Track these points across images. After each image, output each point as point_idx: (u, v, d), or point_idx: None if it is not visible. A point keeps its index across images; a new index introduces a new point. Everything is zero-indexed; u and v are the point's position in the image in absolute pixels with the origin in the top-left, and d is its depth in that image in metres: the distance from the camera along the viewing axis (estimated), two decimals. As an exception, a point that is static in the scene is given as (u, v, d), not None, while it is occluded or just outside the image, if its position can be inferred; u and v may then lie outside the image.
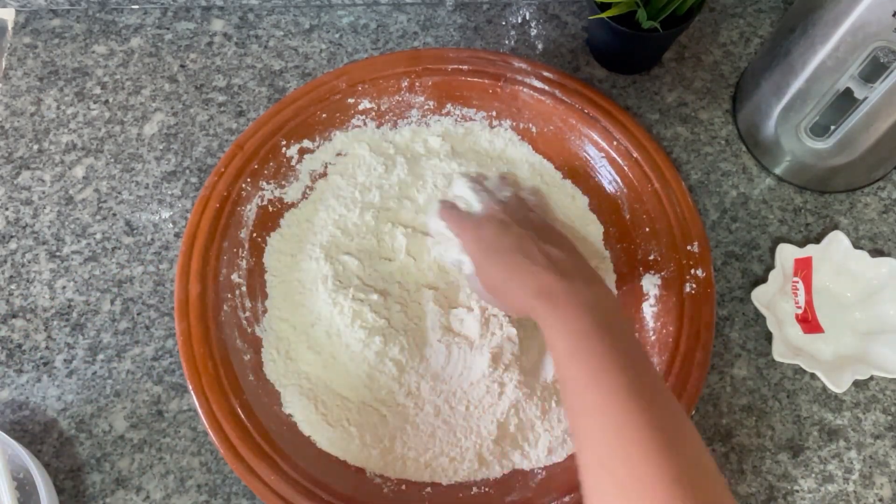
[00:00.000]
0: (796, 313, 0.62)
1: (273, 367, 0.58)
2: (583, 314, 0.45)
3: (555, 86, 0.65)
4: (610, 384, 0.42)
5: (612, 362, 0.42)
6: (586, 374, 0.43)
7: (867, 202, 0.67)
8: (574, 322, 0.44)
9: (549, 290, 0.46)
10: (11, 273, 0.63)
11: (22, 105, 0.69)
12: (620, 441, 0.40)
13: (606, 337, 0.43)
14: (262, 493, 0.52)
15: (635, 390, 0.41)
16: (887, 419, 0.60)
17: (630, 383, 0.41)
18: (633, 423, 0.40)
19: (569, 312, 0.45)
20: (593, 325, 0.44)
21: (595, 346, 0.43)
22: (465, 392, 0.57)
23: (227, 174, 0.61)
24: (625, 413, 0.40)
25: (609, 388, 0.41)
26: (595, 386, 0.42)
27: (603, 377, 0.42)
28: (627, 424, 0.40)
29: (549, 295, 0.46)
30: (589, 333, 0.44)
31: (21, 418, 0.58)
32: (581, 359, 0.43)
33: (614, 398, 0.41)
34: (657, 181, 0.62)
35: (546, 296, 0.46)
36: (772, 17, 0.74)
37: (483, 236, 0.52)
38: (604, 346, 0.43)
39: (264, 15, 0.73)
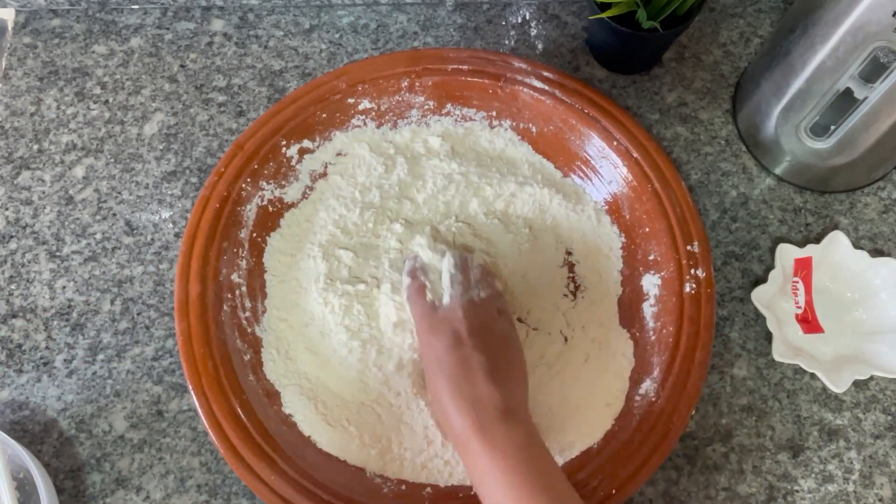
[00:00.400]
0: (796, 313, 0.62)
1: (273, 367, 0.58)
2: (514, 468, 0.46)
3: (555, 86, 0.65)
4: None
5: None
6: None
7: (867, 202, 0.67)
8: (506, 478, 0.46)
9: (473, 437, 0.48)
10: (11, 273, 0.63)
11: (22, 105, 0.69)
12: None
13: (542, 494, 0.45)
14: (262, 493, 0.52)
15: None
16: (887, 419, 0.60)
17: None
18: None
19: (497, 466, 0.46)
20: (527, 479, 0.46)
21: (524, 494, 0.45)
22: None
23: (227, 174, 0.61)
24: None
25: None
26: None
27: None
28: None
29: (471, 445, 0.48)
30: (523, 491, 0.45)
31: (21, 418, 0.58)
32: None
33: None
34: (657, 181, 0.62)
35: (467, 445, 0.48)
36: (772, 17, 0.74)
37: (433, 345, 0.53)
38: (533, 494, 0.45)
39: (264, 15, 0.73)
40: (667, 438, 0.54)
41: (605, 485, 0.53)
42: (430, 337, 0.53)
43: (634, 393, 0.57)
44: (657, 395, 0.55)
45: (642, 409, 0.55)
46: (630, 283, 0.62)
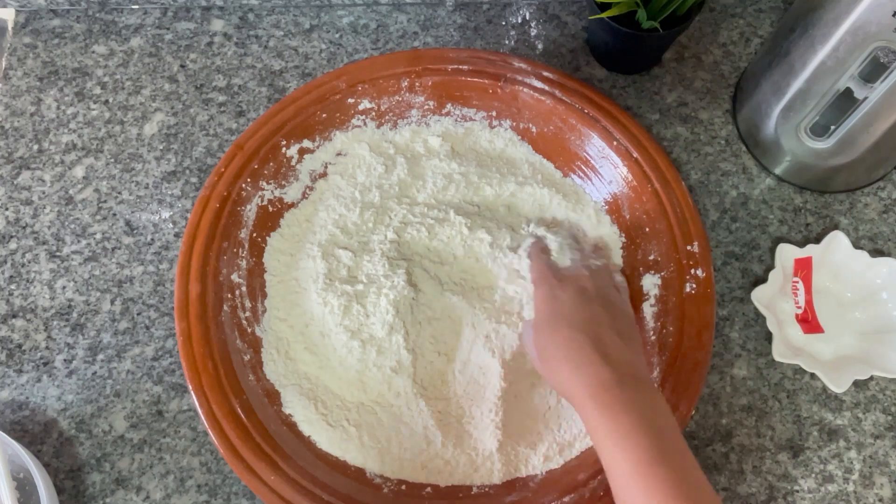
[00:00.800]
0: (796, 313, 0.62)
1: (273, 367, 0.58)
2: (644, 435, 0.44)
3: (555, 86, 0.65)
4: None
5: (684, 496, 0.42)
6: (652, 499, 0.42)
7: (867, 202, 0.67)
8: (635, 440, 0.44)
9: (605, 393, 0.45)
10: (11, 273, 0.63)
11: (22, 105, 0.69)
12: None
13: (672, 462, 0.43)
14: (262, 493, 0.52)
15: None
16: (887, 419, 0.60)
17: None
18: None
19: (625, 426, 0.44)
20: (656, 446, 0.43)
21: (663, 474, 0.43)
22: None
23: (227, 174, 0.61)
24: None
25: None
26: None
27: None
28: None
29: (603, 399, 0.45)
30: (652, 460, 0.43)
31: (21, 418, 0.58)
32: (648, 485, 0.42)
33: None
34: (657, 181, 0.62)
35: (598, 398, 0.45)
36: (772, 17, 0.74)
37: (559, 297, 0.51)
38: (671, 475, 0.42)
39: (264, 15, 0.73)
40: (667, 438, 0.54)
41: (605, 485, 0.53)
42: (555, 290, 0.51)
43: (634, 393, 0.57)
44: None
45: (642, 409, 0.55)
46: (630, 283, 0.62)
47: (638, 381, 0.47)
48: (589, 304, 0.50)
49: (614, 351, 0.48)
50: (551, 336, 0.50)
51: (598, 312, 0.50)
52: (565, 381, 0.48)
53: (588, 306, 0.50)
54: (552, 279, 0.52)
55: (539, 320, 0.52)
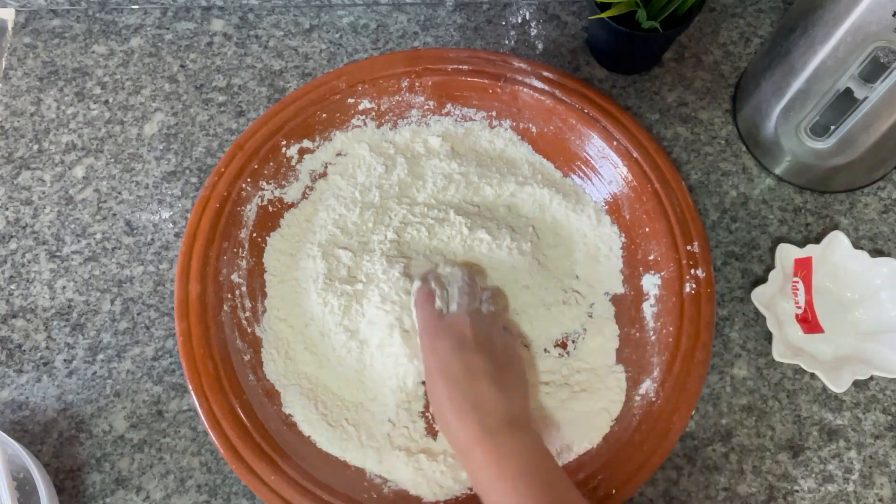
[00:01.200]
0: (796, 313, 0.62)
1: (273, 367, 0.58)
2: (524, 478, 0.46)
3: (555, 86, 0.65)
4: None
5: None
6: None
7: (867, 202, 0.67)
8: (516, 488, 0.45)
9: (474, 445, 0.47)
10: (11, 273, 0.63)
11: (22, 105, 0.69)
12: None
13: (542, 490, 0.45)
14: (262, 493, 0.52)
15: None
16: (887, 419, 0.60)
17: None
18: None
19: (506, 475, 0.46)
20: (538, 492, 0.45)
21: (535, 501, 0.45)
22: None
23: (227, 174, 0.61)
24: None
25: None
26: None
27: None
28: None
29: (476, 451, 0.47)
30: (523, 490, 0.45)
31: (21, 418, 0.58)
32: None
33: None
34: (657, 181, 0.61)
35: (471, 452, 0.47)
36: (772, 17, 0.74)
37: (437, 349, 0.52)
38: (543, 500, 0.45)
39: (264, 15, 0.73)
40: (667, 438, 0.54)
41: (604, 485, 0.53)
42: (435, 341, 0.53)
43: (634, 393, 0.57)
44: (657, 395, 0.55)
45: (642, 410, 0.55)
46: (630, 282, 0.62)
47: (509, 427, 0.48)
48: (466, 354, 0.51)
49: (486, 401, 0.49)
50: (432, 389, 0.52)
51: (475, 362, 0.51)
52: (448, 432, 0.50)
53: (464, 356, 0.51)
54: (432, 330, 0.54)
55: (426, 374, 0.53)
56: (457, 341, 0.52)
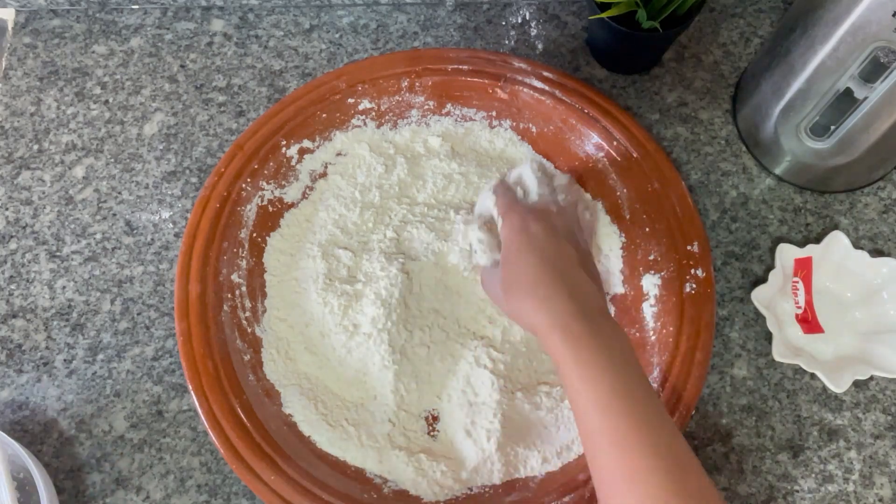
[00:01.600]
0: (796, 313, 0.62)
1: (273, 367, 0.58)
2: (610, 366, 0.44)
3: (555, 86, 0.65)
4: (642, 449, 0.42)
5: (647, 426, 0.43)
6: (621, 434, 0.43)
7: (867, 202, 0.67)
8: (602, 376, 0.44)
9: (572, 326, 0.46)
10: (11, 273, 0.63)
11: (22, 105, 0.69)
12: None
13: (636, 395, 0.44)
14: (262, 493, 0.52)
15: (664, 456, 0.42)
16: (887, 419, 0.60)
17: (657, 448, 0.42)
18: (670, 494, 0.41)
19: (595, 361, 0.45)
20: (621, 379, 0.44)
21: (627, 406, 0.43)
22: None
23: (227, 174, 0.61)
24: (659, 483, 0.41)
25: (641, 451, 0.42)
26: (626, 447, 0.42)
27: (634, 439, 0.42)
28: (663, 496, 0.41)
29: (572, 333, 0.45)
30: (618, 390, 0.44)
31: (21, 418, 0.58)
32: (613, 417, 0.43)
33: (647, 463, 0.42)
34: (657, 181, 0.62)
35: (568, 332, 0.45)
36: (772, 17, 0.74)
37: (529, 228, 0.50)
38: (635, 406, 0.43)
39: (264, 15, 0.73)
40: (667, 438, 0.54)
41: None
42: (526, 220, 0.50)
43: (634, 393, 0.57)
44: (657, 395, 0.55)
45: (642, 409, 0.55)
46: (630, 282, 0.62)
47: (604, 316, 0.47)
48: (559, 239, 0.50)
49: (583, 287, 0.48)
50: (520, 267, 0.49)
51: (567, 248, 0.50)
52: (531, 314, 0.48)
53: (558, 241, 0.50)
54: (522, 211, 0.52)
55: (508, 251, 0.51)
56: (550, 225, 0.50)
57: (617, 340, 0.46)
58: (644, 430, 0.43)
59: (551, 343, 0.46)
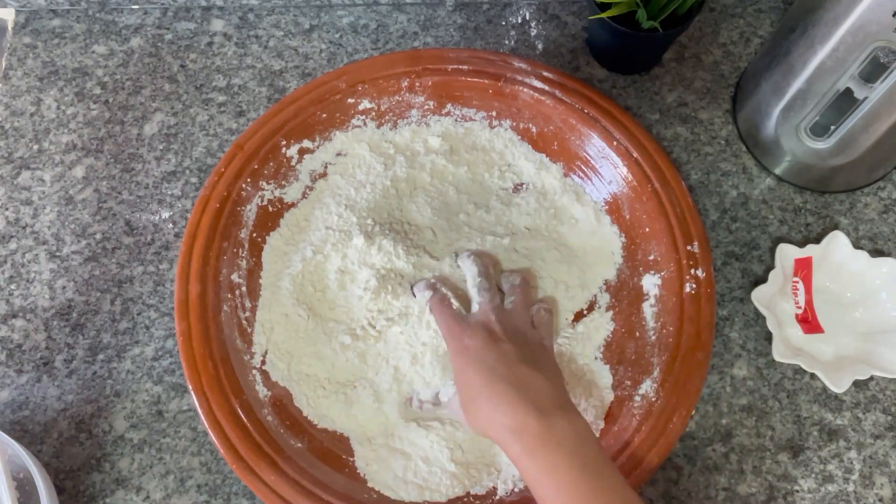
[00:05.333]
0: (796, 313, 0.62)
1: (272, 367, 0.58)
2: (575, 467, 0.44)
3: (555, 86, 0.65)
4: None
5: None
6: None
7: (867, 202, 0.67)
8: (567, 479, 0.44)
9: (524, 429, 0.45)
10: (11, 273, 0.63)
11: (22, 105, 0.69)
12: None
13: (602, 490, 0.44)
14: (262, 493, 0.52)
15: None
16: (887, 419, 0.60)
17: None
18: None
19: (555, 462, 0.44)
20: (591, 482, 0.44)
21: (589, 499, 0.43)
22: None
23: (227, 174, 0.61)
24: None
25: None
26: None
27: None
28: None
29: (526, 436, 0.45)
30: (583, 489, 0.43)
31: (21, 418, 0.58)
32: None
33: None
34: (657, 181, 0.61)
35: (522, 436, 0.45)
36: (772, 17, 0.74)
37: (468, 346, 0.51)
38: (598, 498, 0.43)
39: (264, 15, 0.73)
40: (667, 438, 0.54)
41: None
42: (463, 340, 0.51)
43: (634, 393, 0.57)
44: (657, 395, 0.55)
45: (642, 409, 0.55)
46: (630, 282, 0.62)
47: (559, 408, 0.47)
48: (499, 345, 0.50)
49: (531, 383, 0.48)
50: (468, 385, 0.50)
51: (508, 350, 0.50)
52: (486, 424, 0.48)
53: (497, 346, 0.50)
54: (458, 331, 0.52)
55: (456, 374, 0.52)
56: (487, 334, 0.51)
57: (573, 435, 0.45)
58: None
59: (509, 450, 0.46)
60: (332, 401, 0.57)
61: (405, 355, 0.57)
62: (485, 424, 0.48)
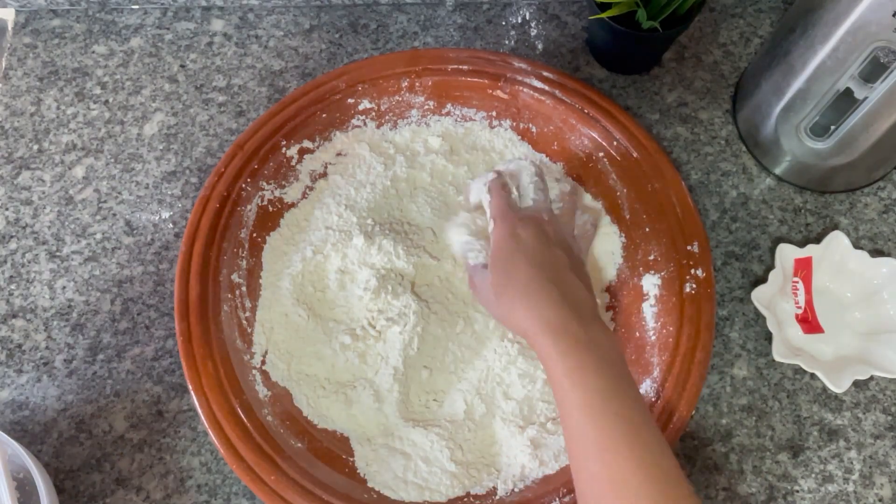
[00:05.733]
0: (796, 313, 0.62)
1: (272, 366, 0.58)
2: (601, 369, 0.45)
3: (555, 86, 0.65)
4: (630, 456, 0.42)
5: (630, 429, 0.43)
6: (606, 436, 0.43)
7: (867, 202, 0.67)
8: (592, 376, 0.44)
9: (563, 329, 0.46)
10: (11, 273, 0.63)
11: (22, 105, 0.69)
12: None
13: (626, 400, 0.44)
14: (263, 493, 0.52)
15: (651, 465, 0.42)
16: (887, 419, 0.60)
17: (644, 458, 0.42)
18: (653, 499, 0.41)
19: (586, 363, 0.45)
20: (611, 383, 0.44)
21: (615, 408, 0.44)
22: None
23: (227, 174, 0.61)
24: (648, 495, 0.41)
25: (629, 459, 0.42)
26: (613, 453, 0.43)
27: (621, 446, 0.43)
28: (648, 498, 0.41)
29: (564, 336, 0.46)
30: (608, 393, 0.44)
31: (21, 418, 0.58)
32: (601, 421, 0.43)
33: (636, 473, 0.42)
34: (657, 181, 0.62)
35: (559, 335, 0.46)
36: (772, 17, 0.74)
37: (519, 235, 0.50)
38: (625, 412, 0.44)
39: (264, 15, 0.73)
40: (667, 438, 0.54)
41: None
42: (516, 227, 0.51)
43: (634, 393, 0.57)
44: (657, 395, 0.55)
45: (642, 409, 0.55)
46: (630, 282, 0.62)
47: (595, 320, 0.48)
48: (549, 246, 0.50)
49: (574, 291, 0.48)
50: (510, 273, 0.49)
51: (558, 254, 0.50)
52: (522, 318, 0.48)
53: (548, 247, 0.50)
54: (512, 217, 0.52)
55: (497, 257, 0.51)
56: (541, 232, 0.51)
57: (607, 344, 0.46)
58: (631, 437, 0.43)
59: (541, 346, 0.46)
60: (332, 401, 0.57)
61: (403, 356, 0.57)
62: (519, 315, 0.48)
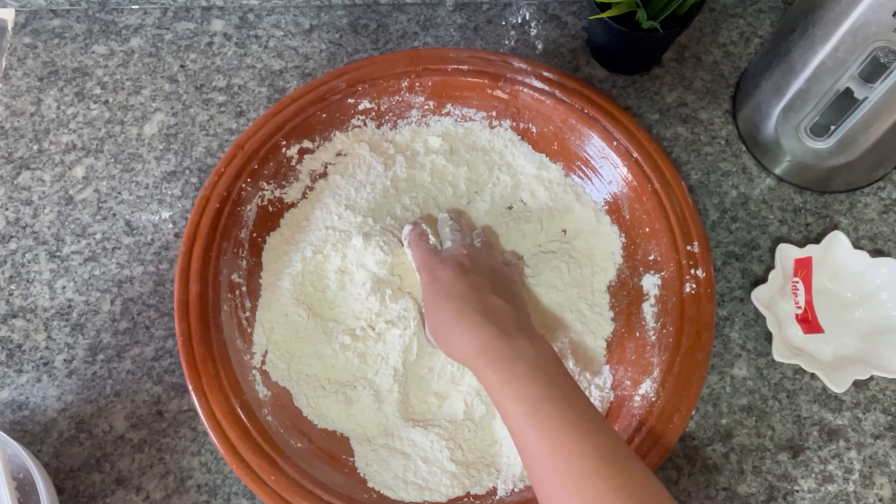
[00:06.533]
0: (796, 313, 0.62)
1: (273, 366, 0.58)
2: (533, 376, 0.45)
3: (555, 86, 0.65)
4: (579, 450, 0.42)
5: (576, 427, 0.43)
6: (550, 438, 0.43)
7: (867, 202, 0.67)
8: (527, 384, 0.45)
9: (489, 347, 0.47)
10: (11, 273, 0.63)
11: (22, 105, 0.69)
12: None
13: (563, 400, 0.44)
14: (263, 493, 0.52)
15: (603, 455, 0.42)
16: (887, 419, 0.60)
17: (597, 448, 0.42)
18: (612, 489, 0.41)
19: (518, 374, 0.45)
20: (547, 388, 0.44)
21: (553, 410, 0.43)
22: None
23: (227, 174, 0.61)
24: (601, 479, 0.41)
25: (578, 453, 0.42)
26: (562, 451, 0.42)
27: (568, 442, 0.42)
28: (606, 492, 0.41)
29: (490, 352, 0.47)
30: (544, 397, 0.44)
31: (21, 418, 0.58)
32: (541, 424, 0.43)
33: (586, 463, 0.41)
34: (657, 181, 0.61)
35: (486, 353, 0.47)
36: (772, 17, 0.74)
37: (439, 277, 0.52)
38: (562, 410, 0.43)
39: (264, 15, 0.73)
40: (667, 438, 0.54)
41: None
42: (435, 271, 0.53)
43: (634, 393, 0.57)
44: (657, 395, 0.55)
45: (642, 409, 0.55)
46: (630, 282, 0.62)
47: (522, 331, 0.48)
48: (468, 276, 0.52)
49: (495, 310, 0.49)
50: (437, 313, 0.51)
51: (477, 280, 0.52)
52: (455, 347, 0.49)
53: (466, 277, 0.52)
54: (431, 263, 0.54)
55: (426, 303, 0.53)
56: (458, 267, 0.52)
57: (534, 352, 0.47)
58: (580, 433, 0.42)
59: (476, 368, 0.47)
60: (332, 401, 0.57)
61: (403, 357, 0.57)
62: (454, 348, 0.50)
